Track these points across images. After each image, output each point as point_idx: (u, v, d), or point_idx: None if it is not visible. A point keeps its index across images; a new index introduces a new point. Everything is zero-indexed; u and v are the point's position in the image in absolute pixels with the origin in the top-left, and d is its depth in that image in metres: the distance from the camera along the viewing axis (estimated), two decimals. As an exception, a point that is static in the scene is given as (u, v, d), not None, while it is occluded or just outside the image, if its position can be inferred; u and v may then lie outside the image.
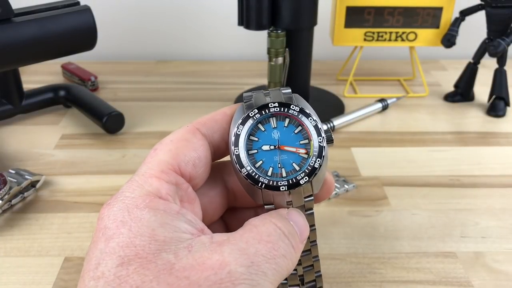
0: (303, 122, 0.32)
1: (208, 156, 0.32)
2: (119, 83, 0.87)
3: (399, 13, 0.76)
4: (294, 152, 0.31)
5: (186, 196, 0.30)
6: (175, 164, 0.29)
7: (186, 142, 0.31)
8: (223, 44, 1.01)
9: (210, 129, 0.32)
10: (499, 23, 0.72)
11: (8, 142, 0.68)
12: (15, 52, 0.63)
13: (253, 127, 0.32)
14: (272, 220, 0.29)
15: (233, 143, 0.31)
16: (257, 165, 0.31)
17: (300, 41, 0.70)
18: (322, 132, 0.31)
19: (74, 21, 0.66)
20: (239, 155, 0.31)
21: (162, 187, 0.28)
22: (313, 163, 0.31)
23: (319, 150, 0.31)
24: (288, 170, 0.31)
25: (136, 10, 0.98)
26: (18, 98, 0.72)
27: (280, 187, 0.30)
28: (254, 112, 0.32)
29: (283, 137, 0.32)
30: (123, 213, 0.26)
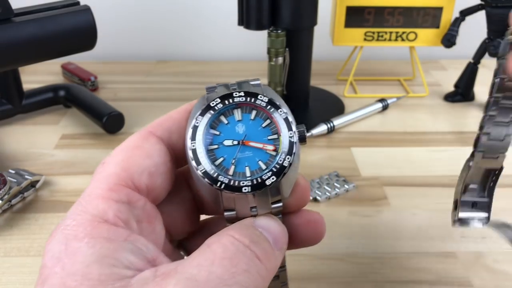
0: (272, 114, 0.28)
1: (168, 161, 0.28)
2: (119, 83, 0.87)
3: (399, 13, 0.76)
4: (261, 148, 0.27)
5: (144, 214, 0.26)
6: (127, 177, 0.26)
7: (138, 149, 0.27)
8: (223, 44, 1.01)
9: (167, 130, 0.28)
10: (499, 23, 0.72)
11: (8, 142, 0.68)
12: (15, 52, 0.62)
13: (214, 119, 0.28)
14: (229, 233, 0.25)
15: (190, 137, 0.27)
16: (217, 162, 0.27)
17: (300, 41, 0.70)
18: (294, 126, 0.28)
19: (74, 21, 0.66)
20: (196, 150, 0.27)
21: (110, 208, 0.24)
22: (282, 161, 0.27)
23: (289, 146, 0.27)
24: (253, 169, 0.27)
25: (136, 10, 0.98)
26: (18, 98, 0.72)
27: (243, 188, 0.26)
28: (215, 102, 0.28)
29: (249, 131, 0.28)
30: (60, 246, 0.23)
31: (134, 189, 0.26)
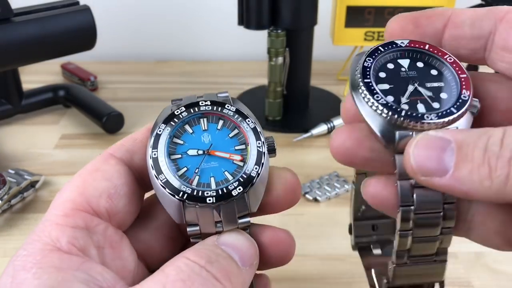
0: (239, 124, 0.27)
1: (130, 183, 0.26)
2: (119, 83, 0.87)
3: (399, 12, 0.75)
4: (227, 158, 0.26)
5: (106, 240, 0.25)
6: (84, 201, 0.24)
7: (96, 172, 0.26)
8: (223, 44, 1.01)
9: (128, 151, 0.27)
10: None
11: (8, 142, 0.68)
12: (15, 51, 0.62)
13: (179, 128, 0.27)
14: (184, 255, 0.23)
15: (151, 145, 0.26)
16: (179, 172, 0.26)
17: (300, 40, 0.70)
18: (262, 136, 0.27)
19: (73, 21, 0.66)
20: (157, 159, 0.25)
21: (63, 235, 0.23)
22: (250, 171, 0.25)
23: (258, 156, 0.26)
24: (218, 180, 0.25)
25: (136, 10, 0.98)
26: (17, 98, 0.72)
27: (207, 199, 0.24)
28: (180, 110, 0.27)
29: (215, 141, 0.27)
30: (7, 279, 0.22)
31: (92, 213, 0.24)
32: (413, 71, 0.27)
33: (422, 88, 0.27)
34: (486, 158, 0.21)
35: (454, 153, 0.22)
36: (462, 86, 0.26)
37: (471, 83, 0.26)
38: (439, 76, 0.27)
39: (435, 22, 0.27)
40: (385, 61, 0.28)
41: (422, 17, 0.28)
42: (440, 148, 0.22)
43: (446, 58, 0.27)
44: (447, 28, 0.27)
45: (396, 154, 0.25)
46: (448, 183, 0.22)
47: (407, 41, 0.28)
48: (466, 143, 0.22)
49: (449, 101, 0.26)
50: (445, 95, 0.27)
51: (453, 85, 0.27)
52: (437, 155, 0.22)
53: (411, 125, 0.25)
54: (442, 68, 0.27)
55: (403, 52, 0.28)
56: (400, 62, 0.28)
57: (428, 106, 0.26)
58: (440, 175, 0.22)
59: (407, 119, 0.25)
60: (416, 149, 0.23)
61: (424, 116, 0.25)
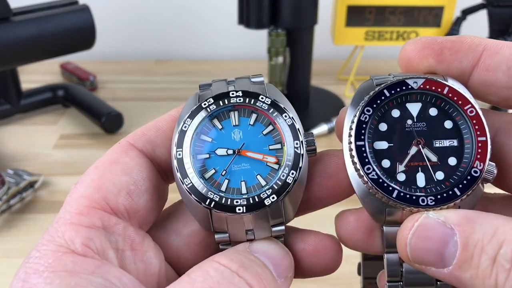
0: (275, 120, 0.23)
1: (153, 177, 0.24)
2: (118, 83, 0.86)
3: (400, 12, 0.75)
4: (261, 160, 0.23)
5: (125, 240, 0.22)
6: (100, 199, 0.22)
7: (114, 164, 0.23)
8: (223, 43, 1.00)
9: (150, 142, 0.24)
10: (501, 22, 0.72)
11: (7, 142, 0.67)
12: (14, 51, 0.62)
13: (206, 123, 0.24)
14: (214, 259, 0.21)
15: (176, 143, 0.23)
16: (207, 175, 0.23)
17: (301, 40, 0.70)
18: (301, 135, 0.23)
19: (72, 20, 0.66)
20: (182, 160, 0.23)
21: (77, 236, 0.21)
22: (285, 176, 0.22)
23: (295, 159, 0.23)
24: (250, 185, 0.23)
25: (136, 9, 0.98)
26: (16, 97, 0.72)
27: (237, 208, 0.22)
28: (208, 103, 0.23)
29: (247, 139, 0.23)
30: (17, 283, 0.20)
31: (110, 212, 0.22)
32: (422, 122, 0.23)
33: (428, 150, 0.23)
34: (494, 271, 0.18)
35: (458, 250, 0.19)
36: (477, 156, 0.22)
37: (488, 150, 0.22)
38: (453, 130, 0.23)
39: (463, 60, 0.23)
40: (390, 107, 0.23)
41: (447, 49, 0.23)
42: (441, 241, 0.19)
43: (467, 109, 0.23)
44: (476, 69, 0.23)
45: (385, 225, 0.23)
46: (445, 276, 0.19)
47: (421, 80, 0.23)
48: (473, 241, 0.19)
49: (456, 171, 0.22)
50: (454, 161, 0.23)
51: (467, 147, 0.23)
52: (438, 249, 0.19)
53: (402, 208, 0.22)
54: (460, 121, 0.23)
55: (415, 95, 0.23)
56: (408, 108, 0.23)
57: (429, 177, 0.22)
58: (438, 267, 0.20)
59: (399, 201, 0.22)
60: (413, 239, 0.20)
61: (419, 200, 0.21)
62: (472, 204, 0.22)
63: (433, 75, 0.24)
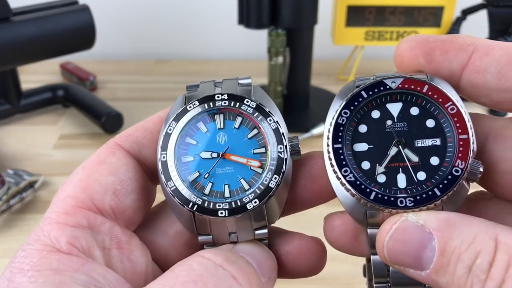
0: (259, 123, 0.24)
1: (139, 177, 0.24)
2: (118, 83, 0.86)
3: (400, 12, 0.75)
4: (244, 163, 0.23)
5: (112, 239, 0.22)
6: (86, 198, 0.22)
7: (101, 165, 0.23)
8: (223, 43, 1.00)
9: (137, 143, 0.24)
10: (501, 22, 0.72)
11: (6, 142, 0.67)
12: (14, 51, 0.62)
13: (191, 126, 0.24)
14: (198, 254, 0.21)
15: (161, 146, 0.23)
16: (191, 177, 0.23)
17: (301, 40, 0.70)
18: (285, 139, 0.23)
19: (72, 20, 0.66)
20: (166, 163, 0.23)
21: (63, 234, 0.21)
22: (268, 181, 0.23)
23: (278, 163, 0.23)
24: (233, 189, 0.23)
25: (136, 9, 0.98)
26: (16, 97, 0.72)
27: (219, 212, 0.22)
28: (193, 105, 0.24)
29: (231, 142, 0.24)
30: (3, 282, 0.20)
31: (96, 212, 0.22)
32: (403, 122, 0.23)
33: (409, 150, 0.22)
34: (469, 281, 0.18)
35: (435, 256, 0.19)
36: (458, 154, 0.22)
37: (470, 148, 0.21)
38: (436, 129, 0.23)
39: (452, 61, 0.22)
40: (370, 108, 0.23)
41: (437, 49, 0.23)
42: (419, 245, 0.19)
43: (447, 107, 0.22)
44: (466, 70, 0.22)
45: (368, 227, 0.23)
46: (423, 279, 0.20)
47: (400, 80, 0.23)
48: (450, 247, 0.19)
49: (438, 171, 0.22)
50: (436, 161, 0.22)
51: (450, 146, 0.22)
52: (415, 253, 0.19)
53: (381, 209, 0.22)
54: (442, 120, 0.23)
55: (395, 95, 0.23)
56: (389, 108, 0.23)
57: (410, 178, 0.22)
58: (416, 269, 0.20)
59: (377, 203, 0.21)
60: (391, 242, 0.20)
61: (398, 201, 0.21)
62: (456, 204, 0.22)
63: (418, 73, 0.23)
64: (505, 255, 0.18)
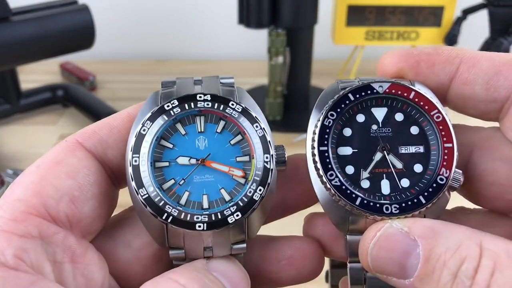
0: (245, 129, 0.21)
1: (101, 182, 0.21)
2: (118, 83, 0.86)
3: (400, 12, 0.75)
4: (226, 172, 0.21)
5: (65, 251, 0.20)
6: (38, 204, 0.19)
7: (58, 165, 0.20)
8: (223, 43, 1.00)
9: (102, 142, 0.21)
10: (501, 22, 0.72)
11: (6, 142, 0.67)
12: (13, 51, 0.62)
13: (168, 127, 0.21)
14: (171, 276, 0.19)
15: (132, 148, 0.20)
16: (165, 185, 0.21)
17: (301, 40, 0.70)
18: (271, 149, 0.21)
19: (72, 20, 0.66)
20: (139, 168, 0.20)
21: (9, 246, 0.18)
22: (252, 192, 0.20)
23: (264, 174, 0.21)
24: (212, 199, 0.21)
25: (135, 9, 0.98)
26: (16, 97, 0.71)
27: (196, 225, 0.20)
28: (172, 105, 0.21)
29: (213, 148, 0.21)
30: None
31: (49, 220, 0.20)
32: (387, 127, 0.22)
33: (393, 156, 0.22)
34: (454, 287, 0.18)
35: (420, 263, 0.18)
36: (443, 163, 0.21)
37: (455, 157, 0.21)
38: (419, 136, 0.22)
39: (439, 73, 0.22)
40: (355, 112, 0.23)
41: (423, 62, 0.22)
42: (403, 253, 0.19)
43: (433, 115, 0.22)
44: (454, 82, 0.22)
45: (348, 234, 0.22)
46: (406, 287, 0.19)
47: (387, 84, 0.22)
48: (436, 255, 0.18)
49: (422, 179, 0.22)
50: (419, 168, 0.22)
51: (434, 154, 0.22)
52: (399, 260, 0.19)
53: (366, 216, 0.21)
54: (426, 127, 0.22)
55: (380, 99, 0.23)
56: (374, 113, 0.23)
57: (394, 185, 0.22)
58: (399, 278, 0.19)
59: (363, 209, 0.21)
60: (375, 250, 0.19)
61: (383, 208, 0.21)
62: (437, 213, 0.22)
63: (401, 79, 0.23)
64: (490, 260, 0.17)
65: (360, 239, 0.21)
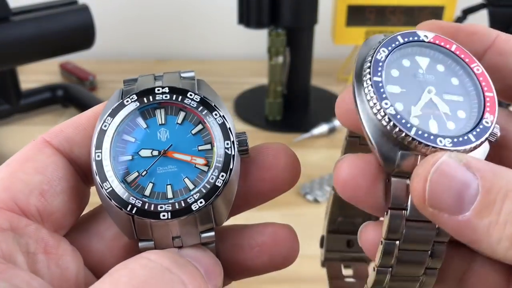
0: (204, 118, 0.22)
1: (70, 177, 0.22)
2: (118, 83, 0.85)
3: (400, 11, 0.75)
4: (189, 161, 0.22)
5: (38, 243, 0.20)
6: (7, 198, 0.20)
7: (27, 162, 0.21)
8: (223, 43, 1.00)
9: (68, 140, 0.22)
10: (501, 22, 0.72)
11: (5, 142, 0.67)
12: (13, 51, 0.62)
13: (129, 122, 0.22)
14: (142, 255, 0.19)
15: (95, 144, 0.21)
16: (129, 178, 0.21)
17: (301, 40, 0.70)
18: (232, 135, 0.22)
19: (72, 20, 0.66)
20: (102, 162, 0.21)
21: None
22: (214, 179, 0.21)
23: (225, 160, 0.21)
24: (176, 189, 0.21)
25: (135, 9, 0.98)
26: (15, 97, 0.71)
27: (161, 214, 0.20)
28: (131, 99, 0.22)
29: (174, 139, 0.22)
30: None
31: (19, 213, 0.20)
32: (431, 75, 0.23)
33: (439, 99, 0.22)
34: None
35: (480, 195, 0.18)
36: (486, 108, 0.22)
37: (497, 105, 0.22)
38: (460, 87, 0.23)
39: (476, 42, 0.23)
40: (401, 56, 0.23)
41: (462, 31, 0.23)
42: (463, 184, 0.18)
43: (473, 67, 0.22)
44: (488, 52, 0.23)
45: (393, 176, 0.21)
46: (458, 225, 0.18)
47: (432, 35, 0.23)
48: (497, 186, 0.18)
49: (467, 123, 0.22)
50: (463, 114, 0.22)
51: (474, 103, 0.22)
52: (458, 191, 0.18)
53: (419, 148, 0.20)
54: (465, 79, 0.23)
55: (425, 48, 0.23)
56: (418, 60, 0.23)
57: (441, 126, 0.21)
58: (453, 214, 0.18)
59: (417, 139, 0.20)
60: (435, 175, 0.19)
61: (437, 140, 0.20)
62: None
63: None
64: None
65: (416, 169, 0.20)
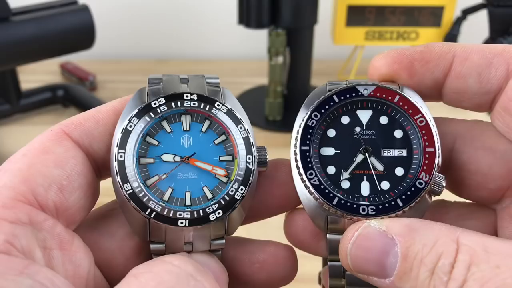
0: (229, 129, 0.22)
1: (87, 172, 0.21)
2: (118, 83, 0.86)
3: (400, 12, 0.75)
4: (209, 171, 0.22)
5: (54, 238, 0.20)
6: (27, 191, 0.19)
7: (46, 154, 0.21)
8: (223, 43, 1.00)
9: (87, 134, 0.22)
10: (501, 22, 0.72)
11: (5, 142, 0.67)
12: (13, 51, 0.62)
13: (154, 124, 0.22)
14: (165, 259, 0.19)
15: (118, 143, 0.21)
16: (149, 181, 0.21)
17: (301, 40, 0.70)
18: (254, 149, 0.22)
19: (72, 20, 0.66)
20: (124, 163, 0.21)
21: (0, 232, 0.18)
22: (234, 191, 0.21)
23: (246, 174, 0.22)
24: (194, 197, 0.22)
25: (136, 8, 0.98)
26: (16, 97, 0.71)
27: (179, 221, 0.21)
28: (159, 102, 0.22)
29: (197, 146, 0.22)
30: None
31: (37, 207, 0.20)
32: (371, 130, 0.23)
33: (375, 159, 0.22)
34: (432, 284, 0.18)
35: (398, 261, 0.19)
36: (423, 167, 0.22)
37: (436, 162, 0.22)
38: (403, 140, 0.23)
39: (434, 71, 0.22)
40: (340, 114, 0.23)
41: (417, 62, 0.23)
42: (382, 252, 0.19)
43: (417, 119, 0.22)
44: (448, 78, 0.23)
45: (328, 233, 0.22)
46: (388, 286, 0.19)
47: (372, 88, 0.23)
48: (413, 252, 0.18)
49: (402, 182, 0.22)
50: (401, 171, 0.22)
51: (416, 158, 0.22)
52: (378, 260, 0.19)
53: (343, 216, 0.21)
54: (410, 131, 0.23)
55: (365, 102, 0.23)
56: (358, 115, 0.23)
57: (373, 187, 0.22)
58: (380, 277, 0.19)
59: (339, 209, 0.21)
60: (353, 249, 0.20)
61: (360, 209, 0.21)
62: (416, 217, 0.22)
63: (388, 83, 0.23)
64: (466, 255, 0.18)
65: (340, 239, 0.21)
